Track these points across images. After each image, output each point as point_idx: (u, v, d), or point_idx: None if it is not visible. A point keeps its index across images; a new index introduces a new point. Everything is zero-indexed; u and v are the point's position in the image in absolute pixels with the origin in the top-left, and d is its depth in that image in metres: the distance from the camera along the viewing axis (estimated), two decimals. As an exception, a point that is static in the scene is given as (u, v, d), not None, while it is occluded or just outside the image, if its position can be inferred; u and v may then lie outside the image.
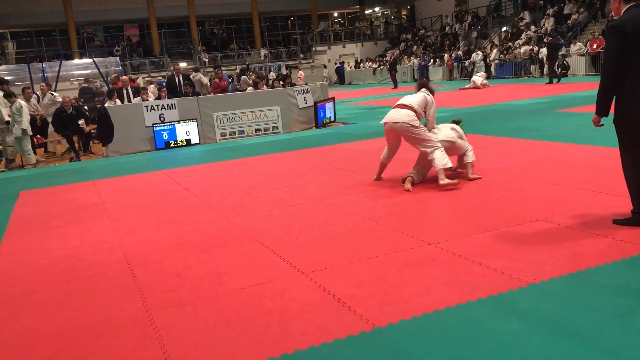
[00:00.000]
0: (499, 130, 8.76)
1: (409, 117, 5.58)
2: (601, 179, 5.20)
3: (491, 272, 3.30)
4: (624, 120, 3.69)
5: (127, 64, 30.26)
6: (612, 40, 3.67)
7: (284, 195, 5.94)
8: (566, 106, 11.33)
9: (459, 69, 26.63)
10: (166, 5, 35.98)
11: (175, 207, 5.85)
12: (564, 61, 20.99)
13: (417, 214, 4.73)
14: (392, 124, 5.70)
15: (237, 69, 25.66)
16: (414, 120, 5.58)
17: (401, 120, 5.60)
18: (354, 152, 8.38)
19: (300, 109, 12.15)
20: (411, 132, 5.58)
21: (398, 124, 5.63)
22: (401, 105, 5.77)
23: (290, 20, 42.39)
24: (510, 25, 27.95)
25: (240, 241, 4.42)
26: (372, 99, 20.06)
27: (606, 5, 23.43)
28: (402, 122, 5.59)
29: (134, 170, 8.70)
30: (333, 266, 3.64)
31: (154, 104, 11.12)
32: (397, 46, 36.18)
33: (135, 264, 4.10)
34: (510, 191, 5.14)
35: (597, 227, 3.89)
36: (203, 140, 11.17)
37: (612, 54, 3.65)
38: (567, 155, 6.50)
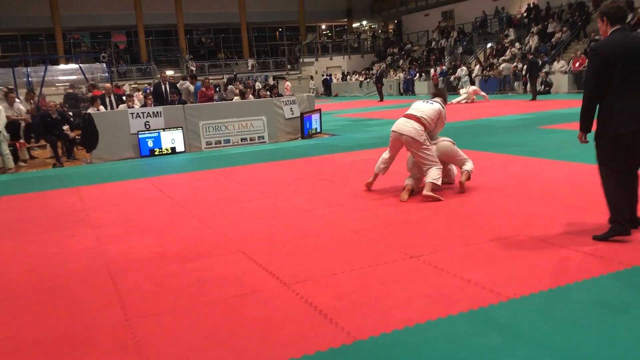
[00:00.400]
0: (483, 145, 8.85)
1: (416, 132, 5.51)
2: (583, 195, 5.28)
3: (472, 286, 3.32)
4: (604, 134, 3.86)
5: (114, 70, 30.11)
6: (593, 61, 3.90)
7: (269, 205, 5.93)
8: (549, 123, 11.48)
9: (445, 84, 26.88)
10: (154, 13, 35.92)
11: (158, 216, 5.81)
12: (547, 79, 21.32)
13: (401, 226, 4.75)
14: (399, 135, 5.62)
15: (225, 78, 25.68)
16: (421, 135, 5.52)
17: (408, 133, 5.53)
18: (340, 164, 8.41)
19: (287, 120, 12.17)
20: (415, 147, 5.54)
21: (404, 137, 5.56)
22: (411, 116, 5.65)
23: (279, 31, 42.57)
24: (496, 41, 28.33)
25: (224, 251, 4.40)
26: (358, 111, 20.17)
27: (588, 25, 23.90)
28: (408, 136, 5.53)
29: (118, 177, 8.63)
30: (316, 277, 3.64)
31: (139, 111, 11.07)
32: (383, 60, 36.47)
33: (116, 272, 4.06)
34: (493, 205, 5.19)
35: (578, 243, 3.94)
36: (188, 149, 11.13)
37: (592, 74, 3.87)
38: (550, 171, 6.58)
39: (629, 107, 3.76)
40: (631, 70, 3.77)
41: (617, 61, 3.75)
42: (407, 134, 5.54)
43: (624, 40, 3.82)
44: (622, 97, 3.78)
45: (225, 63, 36.93)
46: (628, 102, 3.77)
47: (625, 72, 3.76)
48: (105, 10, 34.75)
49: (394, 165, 6.24)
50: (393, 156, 6.01)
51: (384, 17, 41.74)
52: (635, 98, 3.77)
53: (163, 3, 36.10)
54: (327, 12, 41.25)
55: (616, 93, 3.78)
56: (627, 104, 3.77)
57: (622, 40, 3.81)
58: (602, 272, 3.38)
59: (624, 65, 3.76)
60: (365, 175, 7.22)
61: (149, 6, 35.71)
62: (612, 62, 3.76)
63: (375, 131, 12.66)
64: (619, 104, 3.78)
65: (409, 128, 5.56)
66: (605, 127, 3.84)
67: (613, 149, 3.86)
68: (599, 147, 3.94)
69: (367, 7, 41.70)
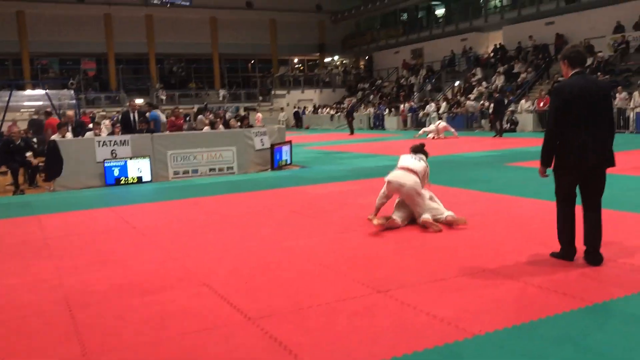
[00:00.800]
0: (450, 181, 8.96)
1: (416, 184, 5.84)
2: (547, 232, 5.35)
3: (438, 321, 3.31)
4: (563, 168, 4.22)
5: (82, 97, 29.76)
6: (553, 100, 4.26)
7: (236, 237, 5.86)
8: (515, 160, 11.74)
9: (413, 120, 27.36)
10: (126, 41, 35.87)
11: (121, 246, 5.68)
12: (513, 117, 21.92)
13: (368, 260, 4.74)
14: (399, 186, 5.87)
15: (195, 108, 25.60)
16: (420, 187, 5.87)
17: (409, 185, 5.81)
18: (309, 196, 8.40)
19: (257, 151, 12.16)
20: (414, 198, 5.82)
21: (405, 188, 5.82)
22: (408, 169, 5.96)
23: (251, 63, 42.89)
24: (463, 80, 29.08)
25: (187, 283, 4.31)
26: (328, 144, 20.30)
27: (551, 67, 24.79)
28: (409, 187, 5.81)
29: (81, 206, 8.44)
30: (282, 312, 3.58)
31: (106, 139, 10.91)
32: (354, 94, 37.01)
33: (75, 304, 3.92)
34: (460, 241, 5.22)
35: (543, 279, 3.98)
36: (155, 178, 10.98)
37: (553, 112, 4.22)
38: (515, 208, 6.69)
39: (585, 144, 4.07)
40: (587, 110, 4.10)
41: (575, 101, 4.09)
42: (408, 185, 5.81)
43: (582, 82, 4.15)
44: (579, 135, 4.09)
45: (196, 93, 36.93)
46: (585, 139, 4.08)
47: (581, 111, 4.09)
48: (76, 37, 34.54)
49: (365, 198, 6.26)
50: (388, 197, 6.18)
51: (355, 52, 42.55)
52: (591, 136, 4.08)
53: (135, 32, 36.12)
54: (299, 46, 41.87)
55: (574, 130, 4.10)
56: (584, 140, 4.08)
57: (580, 83, 4.15)
58: (566, 309, 3.41)
59: (581, 105, 4.09)
60: (335, 207, 7.23)
61: (120, 34, 35.67)
62: (571, 102, 4.10)
63: (346, 164, 12.74)
64: (576, 140, 4.09)
65: (410, 180, 5.83)
66: (564, 161, 4.17)
67: (570, 183, 4.23)
68: (557, 179, 4.30)
69: (339, 42, 42.48)
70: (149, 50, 36.84)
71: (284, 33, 40.61)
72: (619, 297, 3.58)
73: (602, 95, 4.20)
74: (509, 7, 29.44)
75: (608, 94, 4.36)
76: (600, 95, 4.15)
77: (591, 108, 4.10)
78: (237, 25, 39.06)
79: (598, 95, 4.14)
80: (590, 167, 4.12)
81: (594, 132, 4.09)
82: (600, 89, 4.20)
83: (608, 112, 4.23)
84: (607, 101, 4.24)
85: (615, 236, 5.02)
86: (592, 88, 4.14)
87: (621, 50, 22.40)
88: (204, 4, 35.70)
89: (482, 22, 30.50)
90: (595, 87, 4.18)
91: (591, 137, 4.08)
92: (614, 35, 23.15)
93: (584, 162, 4.09)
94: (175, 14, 36.08)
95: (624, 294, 3.61)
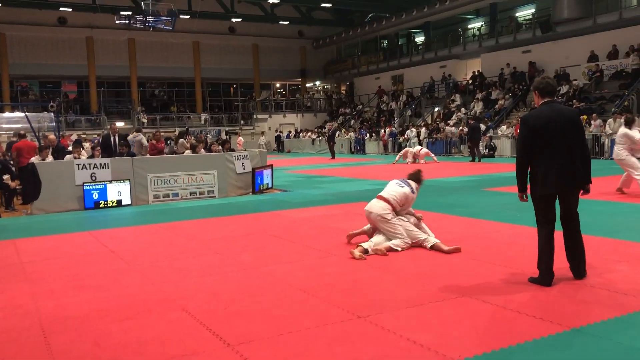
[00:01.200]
0: (429, 206, 9.03)
1: (382, 210, 6.03)
2: (525, 257, 5.42)
3: (417, 347, 3.32)
4: (535, 192, 4.45)
5: (62, 120, 29.53)
6: (521, 130, 4.51)
7: (216, 261, 5.82)
8: (492, 185, 11.89)
9: (394, 144, 27.62)
10: (107, 65, 35.83)
11: (99, 271, 5.60)
12: (491, 143, 22.26)
13: (348, 285, 4.74)
14: (368, 214, 6.18)
15: (176, 131, 25.57)
16: (387, 213, 6.03)
17: (374, 212, 6.07)
18: (290, 220, 8.39)
19: (238, 174, 12.15)
20: (379, 224, 6.06)
21: (372, 215, 6.11)
22: (381, 197, 6.18)
23: (233, 87, 43.05)
24: (442, 106, 29.52)
25: (166, 309, 4.26)
26: (310, 168, 20.36)
27: (528, 95, 25.34)
28: (374, 215, 6.07)
29: (59, 230, 8.32)
30: (261, 338, 3.56)
31: (86, 162, 10.82)
32: (335, 119, 37.30)
33: (50, 330, 3.85)
34: (439, 266, 5.26)
35: (520, 304, 4.02)
36: (135, 202, 10.89)
37: (521, 141, 4.48)
38: (493, 233, 6.76)
39: (552, 171, 4.32)
40: (552, 138, 4.32)
41: (540, 130, 4.33)
42: (375, 212, 6.07)
43: (548, 112, 4.38)
44: (545, 162, 4.33)
45: (177, 116, 36.87)
46: (552, 165, 4.32)
47: (547, 139, 4.32)
48: (57, 60, 34.45)
49: (345, 223, 6.28)
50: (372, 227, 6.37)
51: (336, 78, 43.00)
52: (557, 162, 4.32)
53: (117, 55, 36.13)
54: (282, 71, 42.22)
55: (541, 158, 4.35)
56: (550, 167, 4.32)
57: (546, 112, 4.38)
58: (544, 334, 3.45)
59: (546, 134, 4.32)
60: (315, 232, 7.24)
61: (102, 57, 35.65)
62: (536, 131, 4.34)
63: (327, 188, 12.77)
64: (543, 168, 4.34)
65: (376, 208, 6.09)
66: (535, 188, 4.42)
67: (544, 207, 4.43)
68: (534, 204, 4.51)
69: (321, 68, 42.93)
70: (130, 74, 36.80)
71: (266, 58, 40.96)
72: (595, 322, 3.63)
73: (569, 122, 4.37)
74: (487, 36, 30.14)
75: (575, 120, 4.46)
76: (565, 123, 4.34)
77: (557, 136, 4.31)
78: (220, 50, 39.33)
79: (563, 122, 4.33)
80: (559, 190, 4.38)
81: (560, 158, 4.32)
82: (565, 117, 4.38)
83: (577, 138, 4.40)
84: (574, 127, 4.40)
85: (591, 261, 5.10)
86: (558, 116, 4.34)
87: (595, 78, 22.99)
88: (187, 29, 35.88)
89: (461, 50, 31.12)
90: (560, 115, 4.37)
91: (557, 163, 4.31)
92: (589, 64, 23.79)
93: (551, 186, 4.34)
94: (157, 38, 36.19)
95: (601, 319, 3.66)
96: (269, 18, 38.17)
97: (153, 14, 29.40)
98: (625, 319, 3.67)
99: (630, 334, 3.42)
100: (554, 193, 4.39)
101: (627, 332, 3.45)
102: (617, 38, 23.08)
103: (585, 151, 4.46)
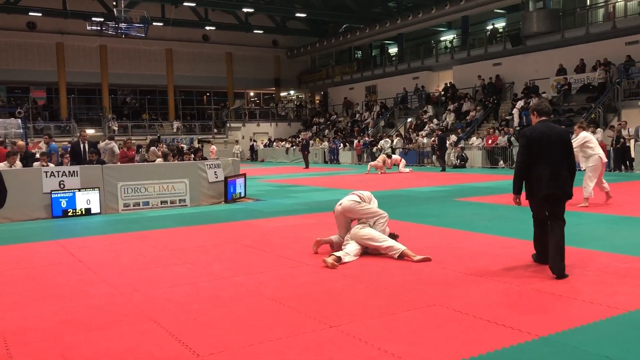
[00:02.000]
0: (402, 215, 9.08)
1: (353, 198, 6.28)
2: (497, 266, 5.49)
3: (389, 356, 3.31)
4: (531, 195, 5.24)
5: (30, 126, 28.94)
6: (521, 142, 5.31)
7: (186, 271, 5.74)
8: (464, 195, 12.03)
9: (367, 154, 27.79)
10: (78, 71, 35.28)
11: (66, 281, 5.47)
12: (462, 153, 22.58)
13: (320, 295, 4.72)
14: (339, 208, 6.30)
15: (148, 139, 25.28)
16: (358, 200, 6.26)
17: (345, 202, 6.28)
18: (263, 229, 8.34)
19: (210, 183, 12.04)
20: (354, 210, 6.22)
21: (342, 205, 6.26)
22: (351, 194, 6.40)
23: (207, 95, 42.82)
24: (415, 117, 29.83)
25: (135, 320, 4.18)
26: (283, 177, 20.32)
27: (499, 108, 25.83)
28: (346, 203, 6.26)
29: (25, 239, 8.12)
30: (232, 349, 3.51)
31: (54, 169, 10.61)
32: (309, 128, 37.38)
33: (13, 342, 3.74)
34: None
35: (491, 313, 4.06)
36: (104, 210, 10.70)
37: (521, 152, 5.25)
38: (465, 243, 6.83)
39: (544, 177, 5.07)
40: (544, 149, 5.10)
41: (535, 142, 5.13)
42: (345, 202, 6.26)
43: (544, 128, 5.20)
44: (539, 169, 5.09)
45: (149, 124, 36.46)
46: (543, 172, 5.07)
47: (540, 150, 5.11)
48: (25, 65, 33.81)
49: (318, 232, 6.27)
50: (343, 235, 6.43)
51: (310, 88, 43.15)
52: (548, 170, 5.06)
53: (88, 61, 35.65)
54: (255, 80, 42.17)
55: (536, 166, 5.12)
56: (543, 174, 5.07)
57: (542, 128, 5.20)
58: (513, 343, 3.48)
59: (540, 146, 5.11)
60: (287, 241, 7.20)
61: (72, 64, 35.11)
62: (532, 143, 5.15)
63: (300, 197, 12.76)
64: (536, 173, 5.11)
65: (346, 200, 6.31)
66: (530, 190, 5.23)
67: (537, 206, 5.28)
68: (530, 204, 5.32)
69: (295, 77, 43.02)
70: (102, 81, 36.31)
71: (240, 67, 40.87)
72: (563, 330, 3.68)
73: (560, 138, 5.16)
74: (459, 48, 30.63)
75: (565, 137, 5.25)
76: (557, 139, 5.13)
77: (548, 148, 5.10)
78: (193, 58, 39.10)
79: (555, 138, 5.13)
80: (548, 194, 5.08)
81: (550, 167, 5.07)
82: (557, 133, 5.19)
83: (565, 151, 5.17)
84: (563, 142, 5.18)
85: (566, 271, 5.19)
86: (550, 132, 5.16)
87: (564, 91, 23.52)
88: (160, 36, 35.61)
89: (433, 62, 31.56)
90: (553, 131, 5.19)
91: (548, 171, 5.06)
92: (557, 77, 24.35)
93: (542, 190, 5.09)
94: (130, 45, 35.81)
95: (569, 327, 3.72)
96: (243, 27, 38.16)
97: (125, 21, 29.10)
98: (592, 327, 3.73)
99: (597, 342, 3.48)
100: (545, 195, 5.09)
101: (594, 340, 3.50)
102: (584, 52, 23.70)
103: (571, 164, 5.20)
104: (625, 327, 3.74)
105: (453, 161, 22.86)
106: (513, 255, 5.95)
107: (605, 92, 21.65)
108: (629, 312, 3.99)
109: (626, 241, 6.56)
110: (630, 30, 22.34)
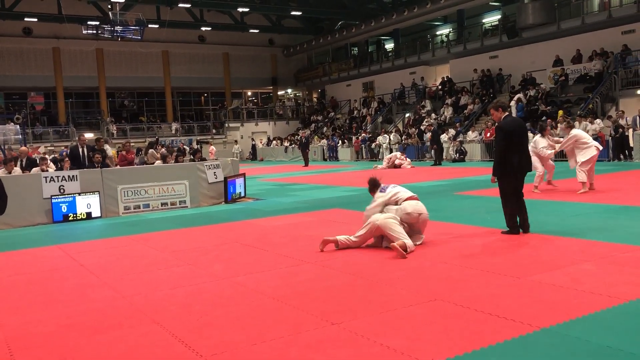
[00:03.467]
0: (402, 211, 9.09)
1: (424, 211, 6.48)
2: (497, 259, 5.50)
3: (391, 352, 3.33)
4: (507, 173, 6.50)
5: (29, 132, 28.95)
6: (498, 134, 6.62)
7: (187, 272, 5.76)
8: (464, 189, 12.03)
9: (366, 151, 27.79)
10: (75, 75, 35.26)
11: (68, 285, 5.49)
12: (461, 147, 22.57)
13: (321, 292, 4.73)
14: (418, 215, 6.33)
15: (146, 141, 25.27)
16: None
17: (425, 212, 6.42)
18: (263, 229, 8.35)
19: (210, 184, 12.05)
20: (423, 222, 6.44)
21: (422, 215, 6.37)
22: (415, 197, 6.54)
23: (204, 96, 42.80)
24: (413, 112, 29.80)
25: (137, 322, 4.19)
26: (283, 175, 20.33)
27: (497, 99, 25.74)
28: (425, 214, 6.42)
29: (26, 244, 8.14)
30: (234, 349, 3.53)
31: (54, 174, 10.62)
32: (308, 126, 37.36)
33: (17, 347, 3.75)
34: (411, 270, 5.29)
35: (491, 306, 4.07)
36: (105, 214, 10.71)
37: (500, 140, 6.55)
38: (465, 236, 6.83)
39: (516, 159, 6.43)
40: (518, 139, 6.51)
41: (511, 133, 6.44)
42: (425, 212, 6.42)
43: (512, 121, 6.71)
44: (513, 154, 6.43)
45: (148, 126, 36.46)
46: (516, 156, 6.44)
47: (515, 140, 6.46)
48: (22, 71, 33.80)
49: (318, 230, 6.27)
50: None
51: (307, 86, 43.10)
52: (519, 154, 6.47)
53: (84, 65, 35.61)
54: (252, 79, 42.12)
55: (511, 151, 6.42)
56: (516, 158, 6.43)
57: (511, 121, 6.67)
58: (514, 335, 3.49)
59: (514, 136, 6.46)
60: (288, 240, 7.22)
61: (69, 68, 35.09)
62: (510, 134, 6.44)
63: (300, 195, 12.76)
64: (511, 157, 6.42)
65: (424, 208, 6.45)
66: (507, 169, 6.47)
67: (509, 182, 6.49)
68: (503, 182, 6.51)
69: (292, 76, 42.98)
70: (99, 84, 36.28)
71: (237, 66, 40.82)
72: (564, 321, 3.69)
73: (523, 128, 6.81)
74: (455, 42, 30.59)
75: (526, 128, 7.01)
76: (522, 128, 6.73)
77: (520, 137, 6.57)
78: (190, 59, 39.06)
79: (523, 129, 6.74)
80: (526, 170, 6.56)
81: (522, 151, 6.56)
82: (520, 124, 6.82)
83: (527, 138, 6.82)
84: (525, 131, 6.88)
85: (558, 261, 5.20)
86: (518, 124, 6.72)
87: (561, 82, 23.50)
88: (156, 38, 35.58)
89: (430, 56, 31.51)
90: (520, 124, 6.78)
91: (522, 156, 6.51)
92: (554, 68, 24.31)
93: (519, 171, 6.48)
94: (126, 48, 35.77)
95: (569, 318, 3.73)
96: (239, 27, 38.11)
97: (121, 24, 29.09)
98: (593, 317, 3.74)
99: (598, 332, 3.49)
100: (522, 171, 6.49)
101: (595, 331, 3.52)
102: (581, 43, 23.67)
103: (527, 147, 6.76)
104: (626, 316, 3.75)
105: (452, 155, 22.87)
106: (512, 247, 5.96)
107: (602, 82, 21.64)
108: (629, 302, 4.00)
109: (625, 231, 6.57)
110: (625, 20, 22.31)
